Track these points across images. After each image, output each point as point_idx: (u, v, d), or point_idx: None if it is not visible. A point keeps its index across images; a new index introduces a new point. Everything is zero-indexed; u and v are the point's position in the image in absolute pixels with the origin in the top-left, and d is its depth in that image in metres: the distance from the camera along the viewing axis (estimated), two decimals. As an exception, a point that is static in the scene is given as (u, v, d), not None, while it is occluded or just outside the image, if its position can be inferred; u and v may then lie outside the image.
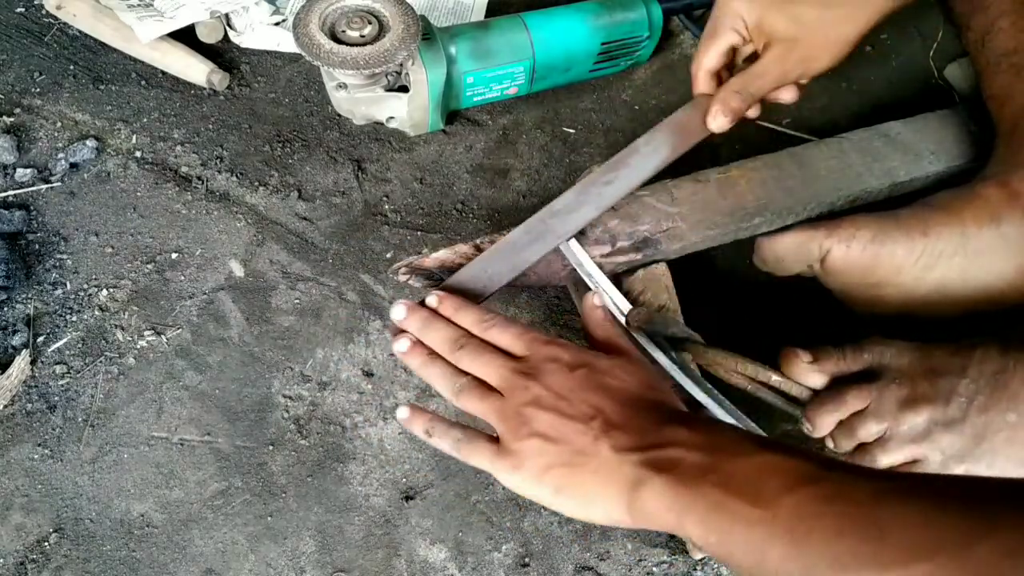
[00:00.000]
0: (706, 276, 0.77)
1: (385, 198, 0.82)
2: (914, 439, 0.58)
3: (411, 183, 0.83)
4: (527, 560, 0.65)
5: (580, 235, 0.64)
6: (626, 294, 0.64)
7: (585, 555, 0.66)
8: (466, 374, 0.56)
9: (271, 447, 0.68)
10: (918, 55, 0.95)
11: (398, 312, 0.60)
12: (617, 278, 0.67)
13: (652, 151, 0.67)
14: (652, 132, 0.68)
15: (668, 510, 0.45)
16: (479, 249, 0.63)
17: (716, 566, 0.65)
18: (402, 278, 0.61)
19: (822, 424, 0.61)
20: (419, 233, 0.80)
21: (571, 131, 0.88)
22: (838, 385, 0.61)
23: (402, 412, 0.58)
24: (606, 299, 0.63)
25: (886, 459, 0.59)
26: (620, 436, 0.49)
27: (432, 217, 0.81)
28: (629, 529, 0.67)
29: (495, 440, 0.53)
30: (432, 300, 0.60)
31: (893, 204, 0.67)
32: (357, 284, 0.77)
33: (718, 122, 0.66)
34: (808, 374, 0.61)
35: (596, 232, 0.64)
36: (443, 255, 0.62)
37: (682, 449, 0.46)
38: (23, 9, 0.91)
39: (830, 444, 0.63)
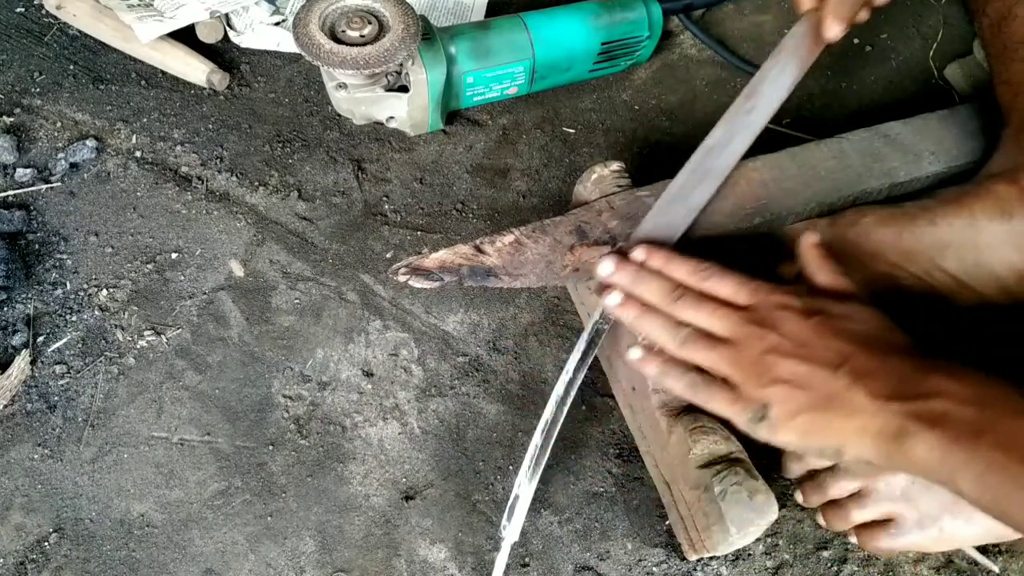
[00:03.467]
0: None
1: (385, 198, 0.82)
2: (892, 497, 0.57)
3: (411, 183, 0.83)
4: (527, 560, 0.65)
5: (580, 235, 0.64)
6: None
7: (585, 555, 0.66)
8: (687, 325, 0.55)
9: (271, 447, 0.68)
10: (918, 55, 0.95)
11: (606, 267, 0.59)
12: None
13: (780, 71, 0.69)
14: (774, 55, 0.70)
15: (939, 464, 0.44)
16: (479, 249, 0.63)
17: (716, 566, 0.65)
18: (401, 279, 0.61)
19: (795, 473, 0.61)
20: (419, 233, 0.80)
21: (571, 131, 0.88)
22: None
23: (634, 352, 0.57)
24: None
25: (860, 515, 0.58)
26: (875, 382, 0.48)
27: (432, 217, 0.81)
28: (628, 530, 0.67)
29: (729, 387, 0.53)
30: (639, 253, 0.59)
31: (893, 203, 0.66)
32: (357, 284, 0.77)
33: (833, 31, 0.67)
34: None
35: (596, 232, 0.65)
36: (443, 255, 0.62)
37: (949, 401, 0.45)
38: (23, 9, 0.91)
39: (799, 497, 0.62)
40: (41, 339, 0.71)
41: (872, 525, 0.59)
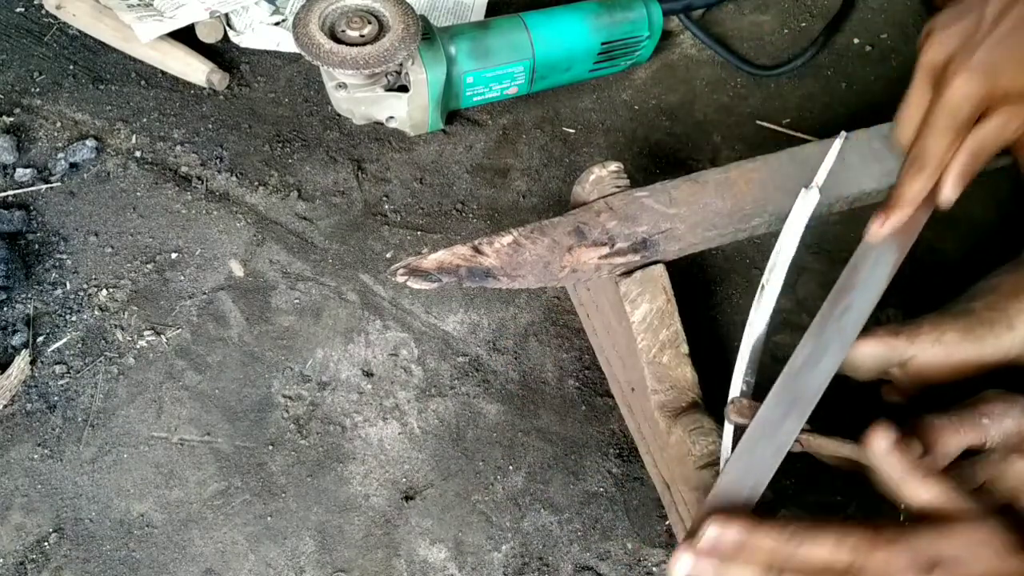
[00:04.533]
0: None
1: (385, 198, 0.82)
2: None
3: (411, 183, 0.83)
4: (527, 560, 0.65)
5: (578, 236, 0.64)
6: (623, 296, 0.64)
7: (585, 555, 0.66)
8: None
9: (271, 447, 0.69)
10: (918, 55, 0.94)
11: (683, 565, 0.49)
12: None
13: (877, 260, 0.59)
14: (865, 242, 0.60)
15: None
16: (477, 250, 0.63)
17: (715, 566, 0.65)
18: (399, 280, 0.60)
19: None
20: (419, 233, 0.80)
21: (571, 131, 0.88)
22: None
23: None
24: (736, 376, 0.57)
25: None
26: None
27: (432, 217, 0.81)
28: (628, 530, 0.67)
29: None
30: (712, 532, 0.49)
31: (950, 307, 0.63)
32: (357, 284, 0.77)
33: (956, 192, 0.56)
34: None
35: (595, 233, 0.64)
36: (441, 256, 0.62)
37: None
38: (23, 9, 0.91)
39: None
40: (41, 339, 0.71)
41: None
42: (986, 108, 0.52)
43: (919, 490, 0.48)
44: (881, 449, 0.49)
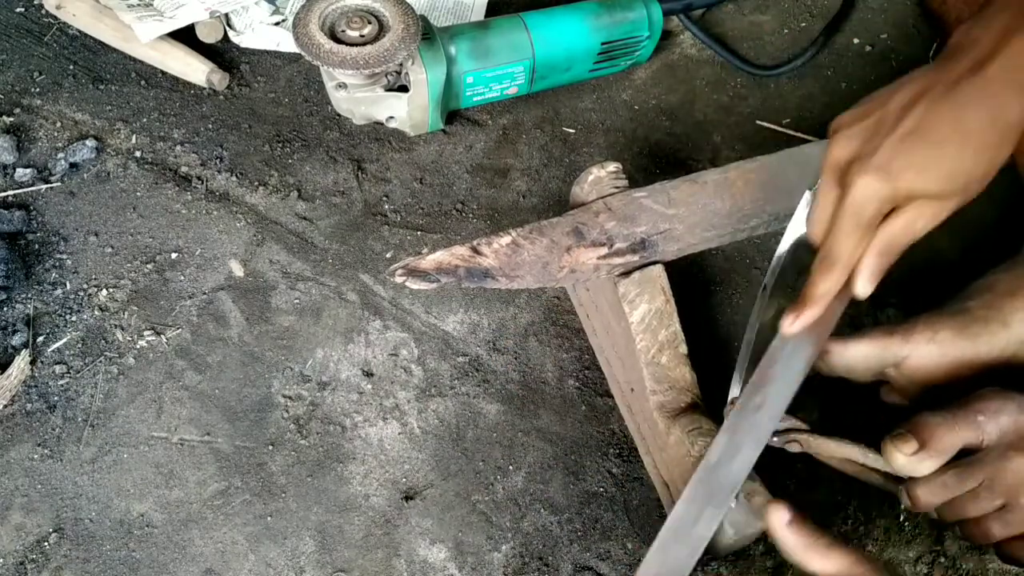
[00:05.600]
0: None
1: (385, 198, 0.82)
2: None
3: (411, 183, 0.83)
4: (527, 560, 0.65)
5: (577, 237, 0.64)
6: (622, 296, 0.64)
7: (585, 555, 0.66)
8: None
9: (271, 447, 0.69)
10: (918, 55, 0.94)
11: None
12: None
13: (792, 350, 0.57)
14: (779, 337, 0.58)
15: None
16: (476, 251, 0.63)
17: (716, 566, 0.65)
18: (398, 280, 0.61)
19: (925, 504, 0.55)
20: (419, 233, 0.80)
21: (571, 131, 0.88)
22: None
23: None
24: (736, 376, 0.59)
25: (1003, 531, 0.53)
26: None
27: (432, 217, 0.81)
28: (628, 530, 0.67)
29: None
30: None
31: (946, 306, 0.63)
32: (357, 284, 0.77)
33: (867, 288, 0.54)
34: (917, 465, 0.52)
35: (593, 234, 0.65)
36: (439, 257, 0.62)
37: None
38: (23, 9, 0.91)
39: (934, 515, 0.57)
40: (41, 339, 0.71)
41: (1014, 539, 0.54)
42: (894, 205, 0.52)
43: (822, 562, 0.48)
44: (780, 524, 0.49)
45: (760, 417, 0.55)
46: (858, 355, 0.60)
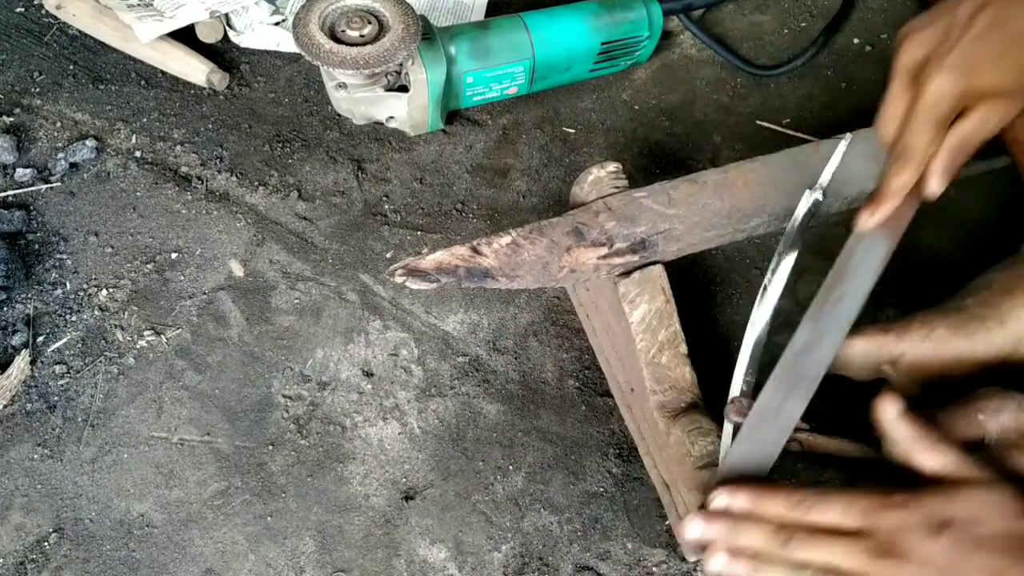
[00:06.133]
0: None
1: (385, 198, 0.82)
2: None
3: (411, 183, 0.83)
4: (527, 560, 0.65)
5: (577, 237, 0.64)
6: (622, 296, 0.64)
7: (585, 555, 0.66)
8: (806, 567, 0.48)
9: (271, 447, 0.69)
10: (918, 55, 0.94)
11: (694, 529, 0.52)
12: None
13: (869, 247, 0.59)
14: (857, 231, 0.60)
15: None
16: (476, 251, 0.63)
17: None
18: (398, 280, 0.61)
19: None
20: (419, 233, 0.80)
21: (571, 131, 0.88)
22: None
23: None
24: (736, 376, 0.59)
25: None
26: None
27: (432, 217, 0.81)
28: (628, 530, 0.67)
29: None
30: (722, 500, 0.52)
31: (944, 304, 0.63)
32: (357, 284, 0.77)
33: (938, 187, 0.56)
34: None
35: (593, 234, 0.64)
36: (439, 257, 0.62)
37: None
38: (23, 9, 0.91)
39: None
40: (41, 339, 0.71)
41: None
42: (966, 105, 0.54)
43: (929, 456, 0.49)
44: (891, 416, 0.50)
45: (841, 308, 0.57)
46: (854, 353, 0.60)
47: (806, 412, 0.56)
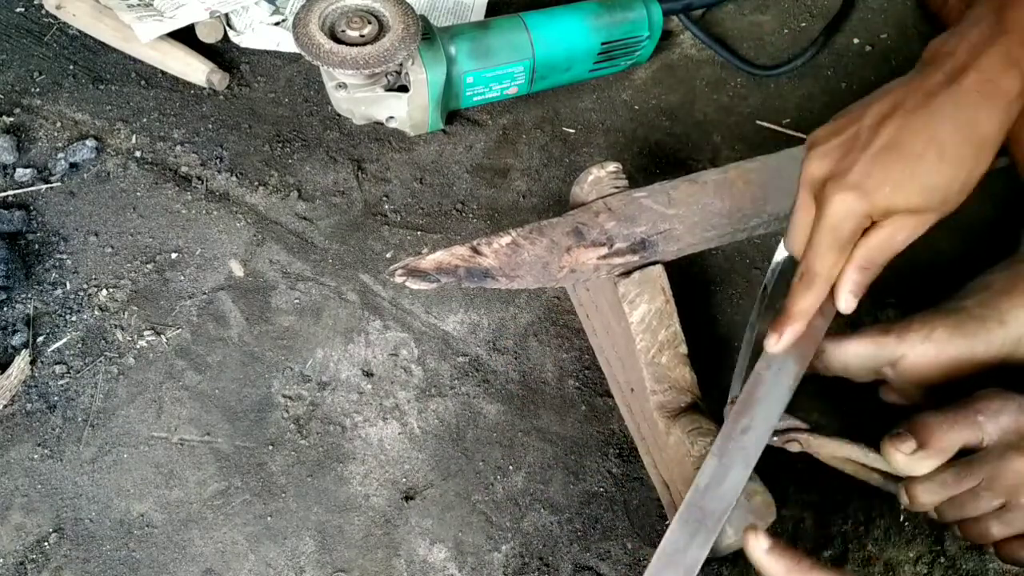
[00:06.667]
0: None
1: (385, 198, 0.82)
2: None
3: (411, 183, 0.83)
4: (527, 560, 0.65)
5: (577, 237, 0.64)
6: (622, 296, 0.64)
7: (585, 555, 0.66)
8: None
9: (271, 447, 0.69)
10: (918, 55, 0.94)
11: None
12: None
13: (778, 369, 0.57)
14: (765, 355, 0.57)
15: None
16: (476, 251, 0.63)
17: (716, 566, 0.65)
18: (398, 280, 0.61)
19: (924, 503, 0.54)
20: (419, 233, 0.80)
21: (571, 131, 0.88)
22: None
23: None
24: (737, 376, 0.59)
25: (1003, 531, 0.53)
26: None
27: (432, 217, 0.81)
28: (628, 530, 0.67)
29: None
30: None
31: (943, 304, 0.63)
32: (357, 284, 0.77)
33: (851, 303, 0.54)
34: (916, 464, 0.52)
35: (593, 234, 0.65)
36: (439, 257, 0.62)
37: None
38: (23, 9, 0.91)
39: (933, 515, 0.57)
40: (41, 339, 0.71)
41: (1013, 539, 0.54)
42: (872, 220, 0.51)
43: None
44: (759, 552, 0.48)
45: (747, 440, 0.55)
46: (853, 354, 0.59)
47: (806, 412, 0.56)
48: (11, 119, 0.83)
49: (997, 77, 0.48)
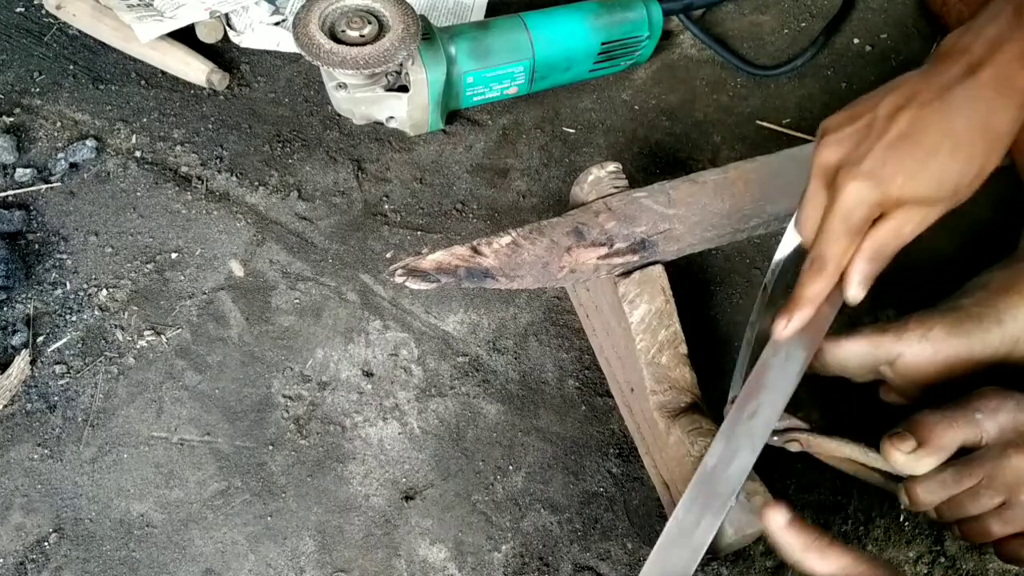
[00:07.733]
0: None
1: (385, 198, 0.82)
2: None
3: (411, 183, 0.83)
4: (527, 560, 0.65)
5: (577, 237, 0.64)
6: (622, 296, 0.64)
7: (585, 555, 0.66)
8: None
9: (271, 447, 0.69)
10: (918, 55, 0.94)
11: None
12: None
13: (786, 354, 0.57)
14: (772, 342, 0.57)
15: None
16: (476, 251, 0.63)
17: (716, 566, 0.65)
18: (398, 280, 0.61)
19: (924, 503, 0.54)
20: (419, 233, 0.80)
21: (571, 131, 0.88)
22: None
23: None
24: (737, 376, 0.59)
25: (1003, 530, 0.53)
26: None
27: (432, 217, 0.81)
28: (628, 530, 0.67)
29: None
30: None
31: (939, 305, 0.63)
32: (357, 284, 0.77)
33: (860, 292, 0.54)
34: (916, 463, 0.52)
35: (593, 234, 0.65)
36: (439, 257, 0.62)
37: None
38: (23, 9, 0.91)
39: (933, 515, 0.56)
40: (41, 339, 0.71)
41: (1013, 538, 0.54)
42: (883, 210, 0.52)
43: (821, 562, 0.48)
44: (778, 525, 0.48)
45: (755, 423, 0.56)
46: (851, 354, 0.59)
47: (806, 412, 0.56)
48: (11, 119, 0.83)
49: (1013, 73, 0.48)
